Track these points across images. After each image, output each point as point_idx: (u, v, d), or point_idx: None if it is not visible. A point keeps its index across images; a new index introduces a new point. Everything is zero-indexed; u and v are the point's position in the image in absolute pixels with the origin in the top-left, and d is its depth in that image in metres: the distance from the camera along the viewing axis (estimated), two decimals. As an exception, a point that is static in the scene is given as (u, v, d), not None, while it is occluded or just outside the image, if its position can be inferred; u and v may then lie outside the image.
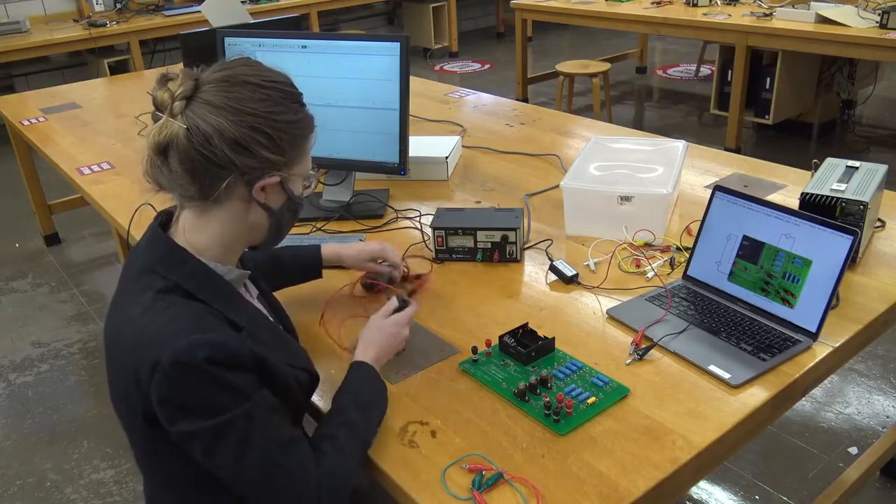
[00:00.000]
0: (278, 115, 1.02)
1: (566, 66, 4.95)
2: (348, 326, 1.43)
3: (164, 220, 1.10)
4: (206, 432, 0.95)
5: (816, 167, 1.66)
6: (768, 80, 4.25)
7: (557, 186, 1.82)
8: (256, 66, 1.06)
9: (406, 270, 1.57)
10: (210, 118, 0.98)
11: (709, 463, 1.12)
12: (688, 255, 1.51)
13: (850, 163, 1.63)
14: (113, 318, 1.05)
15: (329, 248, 1.53)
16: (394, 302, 1.32)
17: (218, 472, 0.99)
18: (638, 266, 1.59)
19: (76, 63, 5.96)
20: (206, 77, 1.02)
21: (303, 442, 1.03)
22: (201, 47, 2.36)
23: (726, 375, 1.22)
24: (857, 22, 3.78)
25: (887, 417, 2.33)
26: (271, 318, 1.21)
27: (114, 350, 1.03)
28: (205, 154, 0.98)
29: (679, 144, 1.91)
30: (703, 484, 2.11)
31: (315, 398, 1.23)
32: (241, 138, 0.99)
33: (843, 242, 1.28)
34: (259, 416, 0.97)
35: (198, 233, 1.06)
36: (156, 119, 1.01)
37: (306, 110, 1.09)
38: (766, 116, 4.33)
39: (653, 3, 4.77)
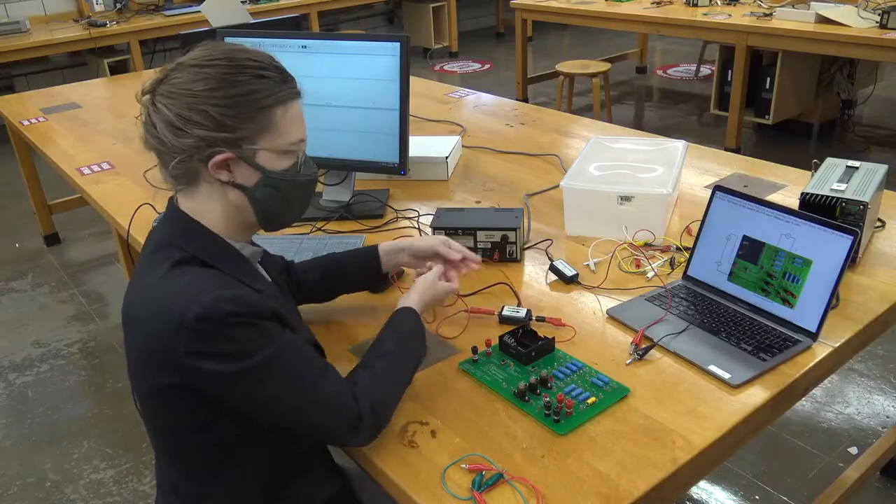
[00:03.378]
0: (217, 90, 1.01)
1: (566, 66, 4.95)
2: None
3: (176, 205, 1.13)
4: (248, 372, 0.98)
5: (816, 167, 1.66)
6: (768, 80, 4.25)
7: (557, 186, 1.82)
8: (206, 47, 1.06)
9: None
10: (157, 106, 1.03)
11: (709, 463, 1.12)
12: (688, 255, 1.51)
13: (850, 163, 1.63)
14: (131, 291, 1.07)
15: (388, 243, 1.45)
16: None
17: (261, 409, 1.03)
18: (638, 266, 1.59)
19: (76, 63, 5.96)
20: (172, 66, 1.06)
21: (337, 371, 1.09)
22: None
23: (726, 375, 1.22)
24: (857, 22, 3.78)
25: (887, 417, 2.33)
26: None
27: (132, 319, 1.05)
28: (156, 142, 1.04)
29: (679, 144, 1.91)
30: (703, 484, 2.11)
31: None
32: (175, 121, 1.01)
33: (843, 242, 1.28)
34: (294, 349, 1.03)
35: (196, 214, 1.08)
36: None
37: (266, 81, 1.04)
38: (766, 116, 4.33)
39: (653, 3, 4.77)
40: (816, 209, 1.49)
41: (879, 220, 1.71)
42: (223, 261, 1.06)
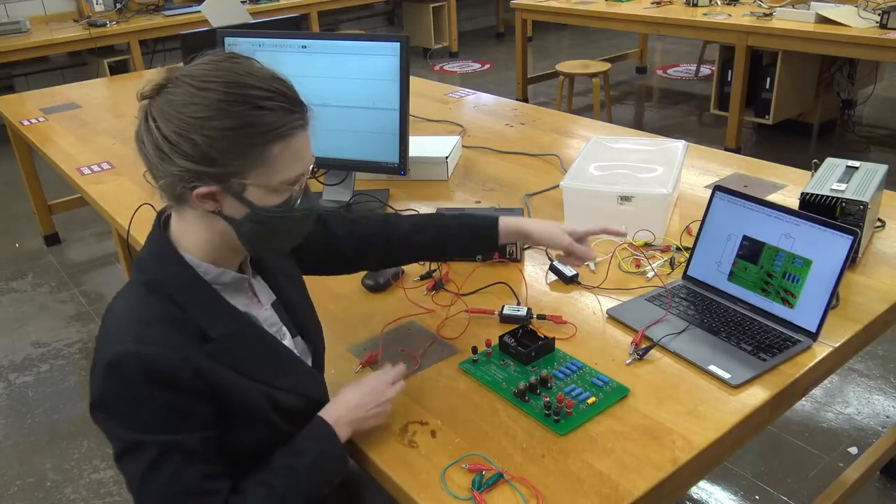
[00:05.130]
0: (209, 119, 0.93)
1: (566, 66, 4.95)
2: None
3: (168, 213, 1.09)
4: (119, 440, 0.94)
5: (816, 167, 1.66)
6: (768, 80, 4.25)
7: (557, 186, 1.82)
8: (217, 63, 0.97)
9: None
10: (148, 122, 0.95)
11: (709, 463, 1.12)
12: (688, 255, 1.51)
13: (850, 163, 1.63)
14: (108, 307, 1.04)
15: (510, 221, 1.36)
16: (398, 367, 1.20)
17: (125, 480, 0.98)
18: (638, 266, 1.59)
19: (76, 63, 5.95)
20: (172, 76, 0.97)
21: (212, 498, 0.96)
22: (201, 47, 2.36)
23: (726, 375, 1.22)
24: (857, 22, 3.78)
25: (887, 417, 2.33)
26: (286, 332, 1.15)
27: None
28: (144, 157, 0.98)
29: (679, 144, 1.91)
30: (703, 484, 2.11)
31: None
32: (161, 144, 0.94)
33: (843, 242, 1.28)
34: (175, 456, 0.93)
35: (180, 232, 1.04)
36: None
37: (265, 114, 0.95)
38: (766, 116, 4.33)
39: (653, 3, 4.77)
40: (816, 209, 1.49)
41: (879, 220, 1.71)
42: (188, 295, 1.00)
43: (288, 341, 1.15)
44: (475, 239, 1.37)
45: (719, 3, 4.60)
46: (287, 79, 1.01)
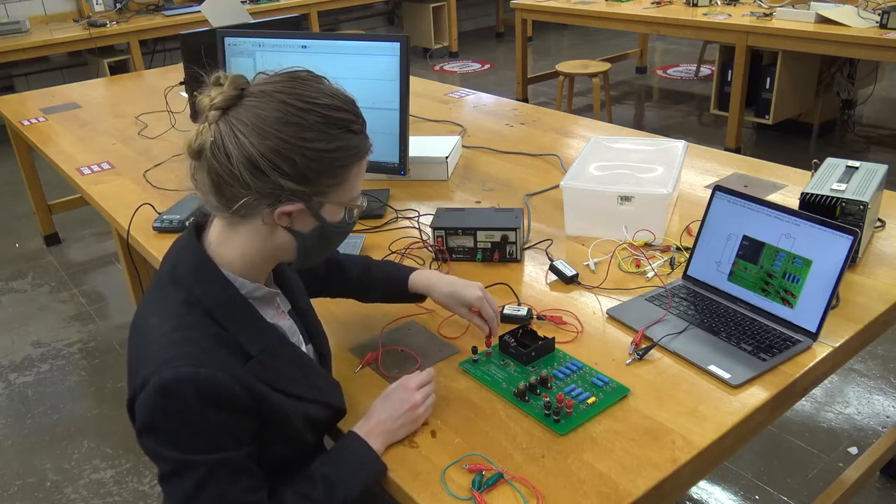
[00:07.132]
0: (309, 142, 0.96)
1: (566, 66, 4.95)
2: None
3: (201, 223, 1.08)
4: (167, 461, 0.94)
5: (816, 167, 1.66)
6: (768, 80, 4.25)
7: (557, 186, 1.82)
8: (305, 83, 0.99)
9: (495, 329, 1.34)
10: (236, 135, 0.95)
11: (709, 463, 1.12)
12: (688, 255, 1.51)
13: (850, 163, 1.63)
14: (136, 319, 1.03)
15: (421, 276, 1.37)
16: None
17: (167, 499, 0.98)
18: (638, 266, 1.59)
19: (76, 63, 5.96)
20: (251, 88, 0.98)
21: None
22: (201, 47, 2.36)
23: (726, 375, 1.22)
24: (857, 22, 3.78)
25: (887, 417, 2.33)
26: (302, 339, 1.17)
27: (129, 339, 1.03)
28: (223, 170, 0.96)
29: (679, 144, 1.91)
30: (703, 484, 2.11)
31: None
32: (259, 161, 0.94)
33: (843, 242, 1.28)
34: (222, 473, 0.95)
35: (224, 244, 1.03)
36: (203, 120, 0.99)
37: (353, 137, 1.01)
38: (766, 116, 4.33)
39: (653, 3, 4.77)
40: (816, 209, 1.49)
41: (879, 220, 1.71)
42: (227, 311, 1.00)
43: (303, 349, 1.16)
44: (390, 282, 1.39)
45: (719, 3, 4.61)
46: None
